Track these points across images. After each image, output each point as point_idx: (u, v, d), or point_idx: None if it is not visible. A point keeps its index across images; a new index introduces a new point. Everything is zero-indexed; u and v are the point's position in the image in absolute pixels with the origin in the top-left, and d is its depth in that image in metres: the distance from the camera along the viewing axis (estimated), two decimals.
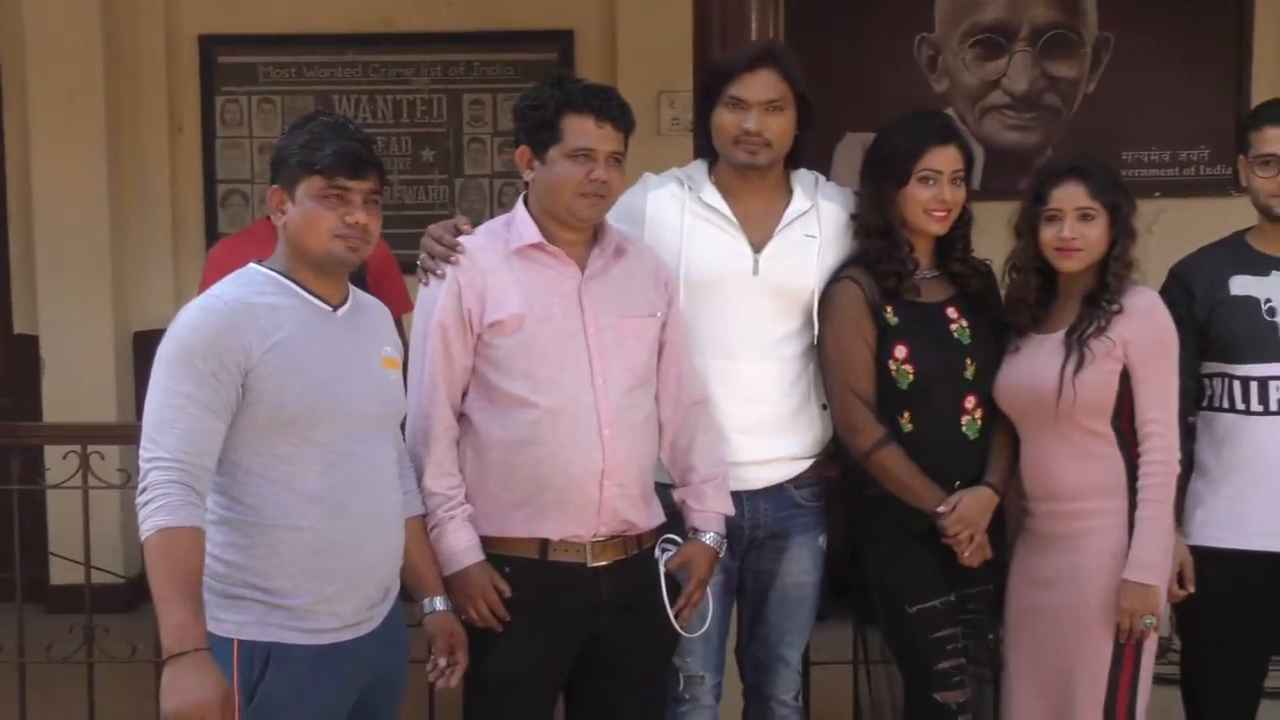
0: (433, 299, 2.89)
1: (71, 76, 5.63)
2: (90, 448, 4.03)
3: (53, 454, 4.39)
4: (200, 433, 2.38)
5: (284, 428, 2.46)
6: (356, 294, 2.69)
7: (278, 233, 2.61)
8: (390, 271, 3.80)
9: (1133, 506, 3.10)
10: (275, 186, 2.56)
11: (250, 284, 2.54)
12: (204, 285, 3.64)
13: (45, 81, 5.64)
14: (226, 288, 2.54)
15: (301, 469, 2.47)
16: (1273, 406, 3.23)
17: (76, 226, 5.69)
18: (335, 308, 2.59)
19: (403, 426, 2.81)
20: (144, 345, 5.79)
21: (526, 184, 2.94)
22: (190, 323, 2.47)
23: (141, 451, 2.40)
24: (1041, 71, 5.95)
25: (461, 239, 2.92)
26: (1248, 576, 3.26)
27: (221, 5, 5.88)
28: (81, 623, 4.10)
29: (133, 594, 5.26)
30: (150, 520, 2.33)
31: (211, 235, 5.88)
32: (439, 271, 2.89)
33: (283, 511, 2.46)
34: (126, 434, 4.85)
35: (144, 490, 2.36)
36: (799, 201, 3.23)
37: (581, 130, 2.81)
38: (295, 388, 2.46)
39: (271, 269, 2.57)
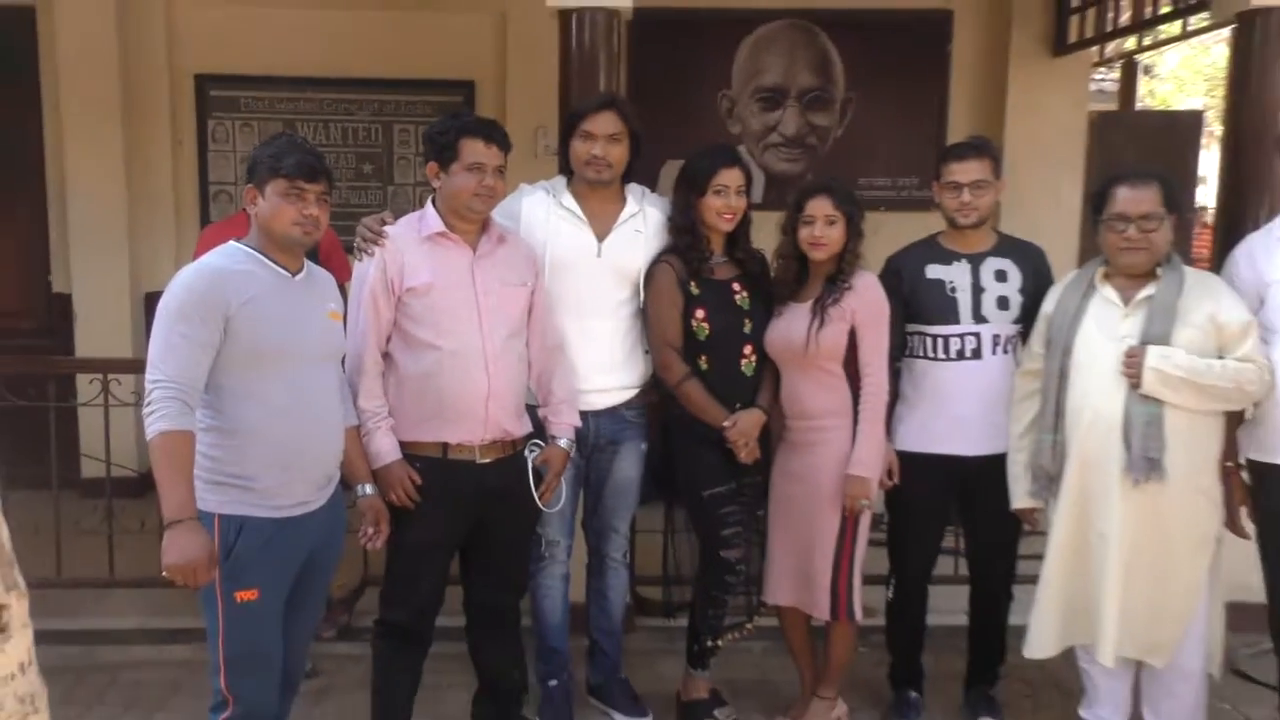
0: (365, 271, 2.85)
1: (97, 103, 5.38)
2: (110, 376, 3.96)
3: (82, 381, 4.31)
4: (192, 363, 2.34)
5: (256, 360, 2.42)
6: (310, 266, 2.64)
7: (251, 220, 2.56)
8: (337, 252, 3.73)
9: (855, 423, 3.11)
10: (249, 185, 2.51)
11: (231, 256, 2.49)
12: (195, 258, 3.58)
13: (77, 106, 5.38)
14: (212, 258, 2.49)
15: (268, 390, 2.44)
16: (952, 355, 3.20)
17: (102, 215, 5.44)
18: (294, 274, 2.55)
19: (343, 362, 2.77)
20: (153, 303, 5.59)
21: (435, 189, 2.90)
22: (185, 282, 2.42)
23: (147, 376, 2.36)
24: (805, 120, 5.90)
25: (386, 228, 2.89)
26: (933, 471, 3.24)
27: (213, 51, 5.63)
28: (103, 504, 4.05)
29: (142, 484, 5.13)
30: (154, 425, 2.29)
31: (205, 222, 5.64)
32: (369, 251, 2.86)
33: (254, 421, 2.43)
34: (137, 366, 4.69)
35: (149, 404, 2.32)
36: (631, 207, 3.22)
37: (474, 150, 2.79)
38: (264, 331, 2.42)
39: (247, 246, 2.52)
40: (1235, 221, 3.71)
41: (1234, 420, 2.99)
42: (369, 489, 2.78)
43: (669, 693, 3.45)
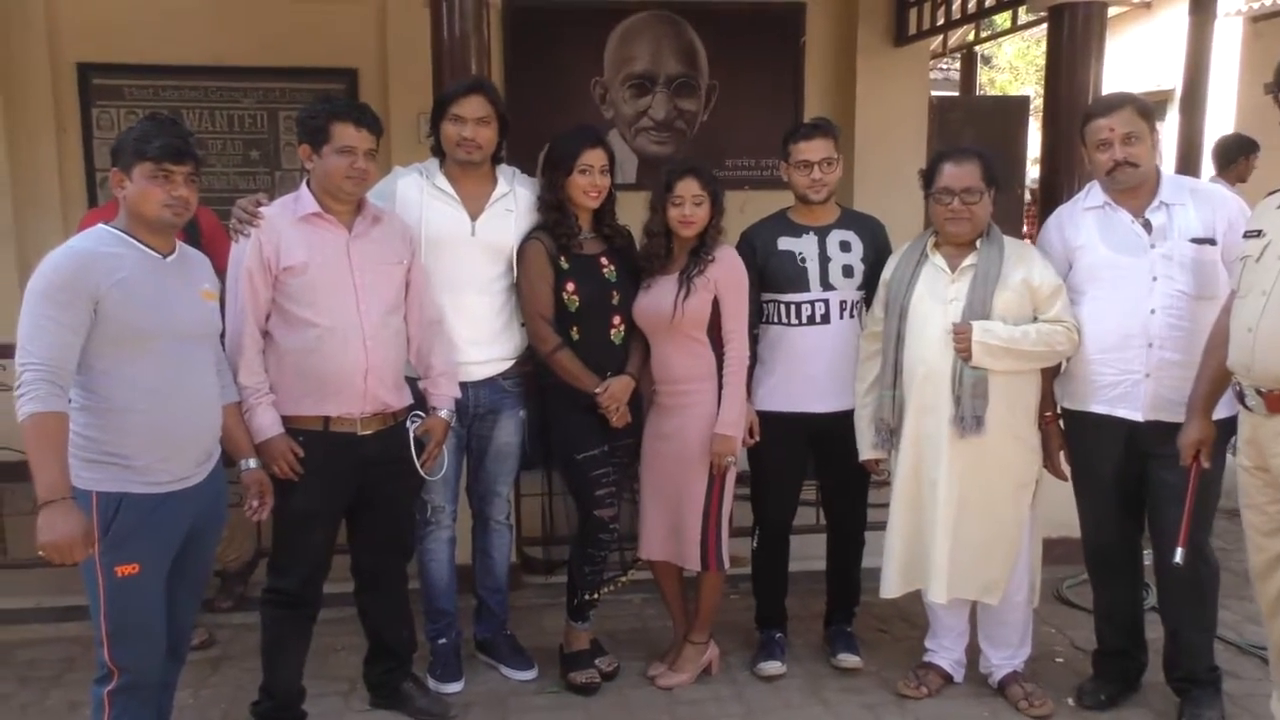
0: (242, 251, 2.75)
1: None
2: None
3: None
4: (61, 345, 2.23)
5: (127, 340, 2.32)
6: (182, 247, 2.52)
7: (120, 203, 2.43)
8: (220, 236, 3.57)
9: (719, 386, 3.14)
10: (115, 169, 2.38)
11: (99, 239, 2.37)
12: None
13: None
14: (79, 241, 2.38)
15: (141, 369, 2.34)
16: (804, 320, 3.23)
17: None
18: (165, 256, 2.43)
19: (223, 341, 2.68)
20: None
21: (308, 171, 2.81)
22: (52, 264, 2.30)
23: (16, 359, 2.23)
24: (674, 106, 5.92)
25: (261, 209, 2.80)
26: (789, 428, 3.28)
27: (95, 40, 5.35)
28: None
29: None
30: (25, 407, 2.18)
31: (92, 209, 5.46)
32: (245, 233, 2.77)
33: (127, 400, 2.33)
34: None
35: (19, 386, 2.20)
36: (502, 187, 3.18)
37: (345, 133, 2.72)
38: (135, 312, 2.32)
39: (115, 228, 2.40)
40: (1053, 195, 3.85)
41: (1050, 374, 3.12)
42: (252, 463, 2.69)
43: (554, 645, 3.45)
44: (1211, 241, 2.89)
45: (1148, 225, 2.94)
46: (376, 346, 2.80)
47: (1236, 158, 5.90)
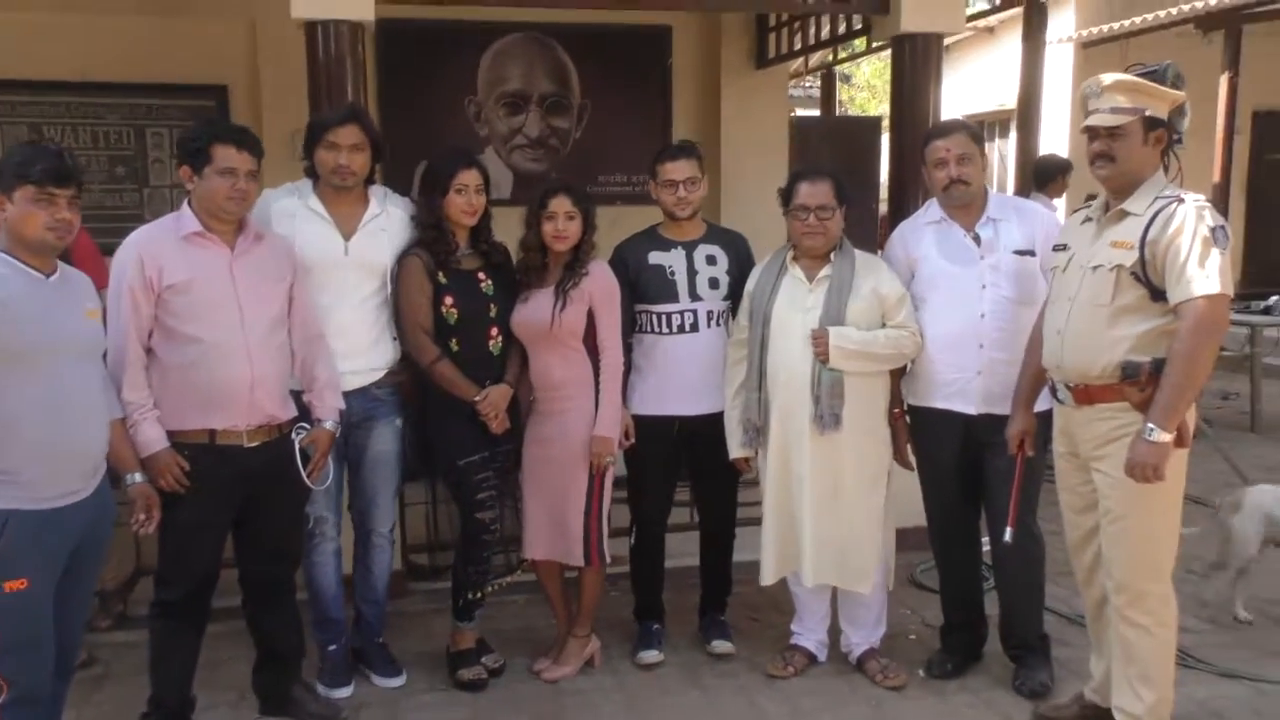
0: (123, 269, 2.77)
1: None
2: None
3: None
4: None
5: (13, 359, 2.34)
6: (64, 267, 2.55)
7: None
8: (90, 254, 3.53)
9: (596, 392, 3.29)
10: None
11: None
12: None
13: None
14: None
15: (27, 388, 2.36)
16: (674, 329, 3.40)
17: None
18: (47, 276, 2.46)
19: (106, 358, 2.70)
20: None
21: (189, 192, 2.85)
22: None
23: None
24: (547, 124, 6.04)
25: (142, 230, 2.84)
26: (663, 430, 3.44)
27: None
28: None
29: None
30: None
31: None
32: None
33: (14, 416, 2.34)
34: None
35: None
36: (374, 208, 3.26)
37: (226, 155, 2.78)
38: (18, 331, 2.34)
39: None
40: (900, 210, 4.12)
41: (897, 374, 3.40)
42: (138, 477, 2.72)
43: (441, 649, 3.54)
44: (1031, 253, 3.22)
45: (977, 239, 3.26)
46: (261, 360, 2.86)
47: (1055, 176, 6.41)
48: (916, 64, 4.18)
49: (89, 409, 2.53)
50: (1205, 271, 2.57)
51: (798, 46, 5.87)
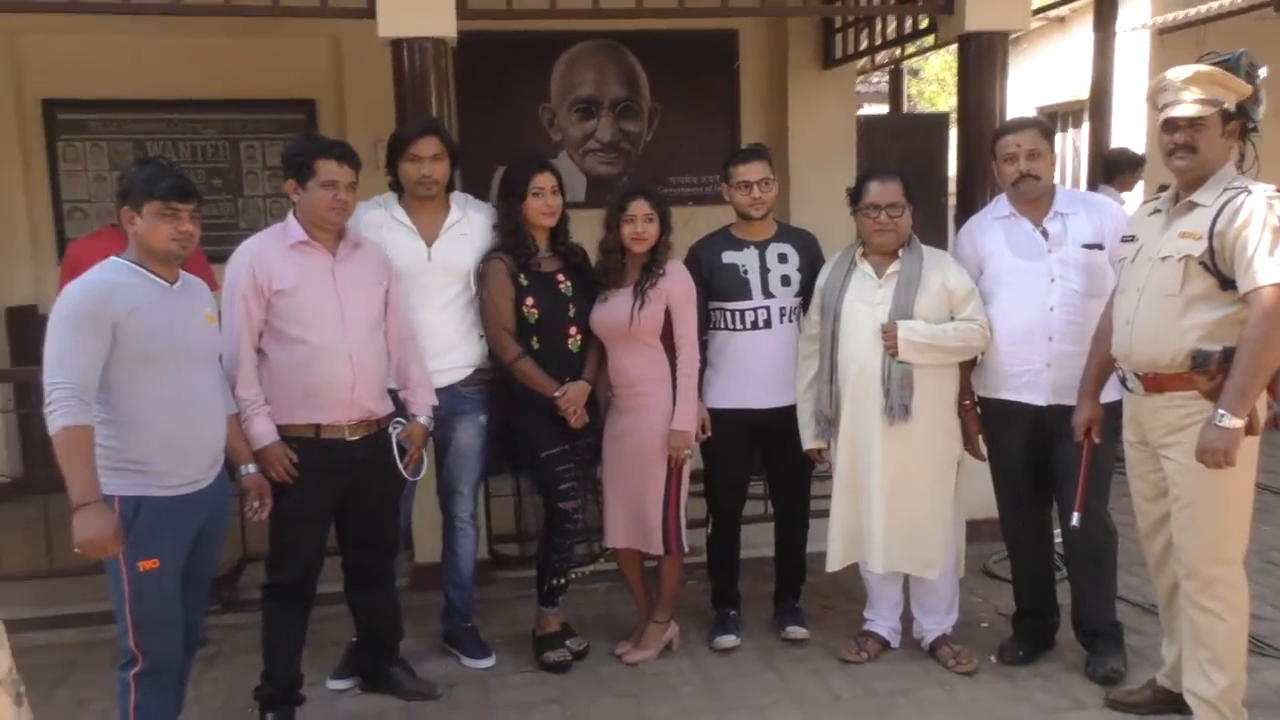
0: (236, 277, 2.97)
1: None
2: None
3: None
4: (85, 367, 2.45)
5: (142, 361, 2.54)
6: (185, 275, 2.75)
7: (128, 236, 2.64)
8: (199, 261, 3.75)
9: (673, 388, 3.40)
10: (126, 207, 2.60)
11: (115, 270, 2.60)
12: (65, 271, 3.55)
13: None
14: (98, 273, 2.58)
15: (155, 387, 2.56)
16: (748, 326, 3.50)
17: None
18: (171, 284, 2.66)
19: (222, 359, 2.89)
20: (14, 317, 5.55)
21: (294, 203, 3.05)
22: (75, 295, 2.52)
23: (45, 379, 2.45)
24: (618, 128, 6.18)
25: (253, 239, 3.05)
26: (738, 423, 3.53)
27: (60, 78, 5.54)
28: None
29: (15, 488, 5.10)
30: (57, 422, 2.41)
31: (60, 238, 5.58)
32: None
33: (144, 414, 2.55)
34: (7, 376, 4.69)
35: (50, 404, 2.42)
36: (454, 214, 3.44)
37: (328, 169, 2.97)
38: (149, 336, 2.54)
39: (128, 260, 2.62)
40: (969, 205, 4.17)
41: (967, 366, 3.47)
42: (252, 468, 2.93)
43: (527, 633, 3.70)
44: (1100, 246, 3.27)
45: (1045, 233, 3.32)
46: (361, 360, 3.05)
47: (1124, 169, 6.33)
48: (983, 62, 4.22)
49: (209, 406, 2.73)
50: (1274, 260, 2.61)
51: (864, 46, 5.92)
